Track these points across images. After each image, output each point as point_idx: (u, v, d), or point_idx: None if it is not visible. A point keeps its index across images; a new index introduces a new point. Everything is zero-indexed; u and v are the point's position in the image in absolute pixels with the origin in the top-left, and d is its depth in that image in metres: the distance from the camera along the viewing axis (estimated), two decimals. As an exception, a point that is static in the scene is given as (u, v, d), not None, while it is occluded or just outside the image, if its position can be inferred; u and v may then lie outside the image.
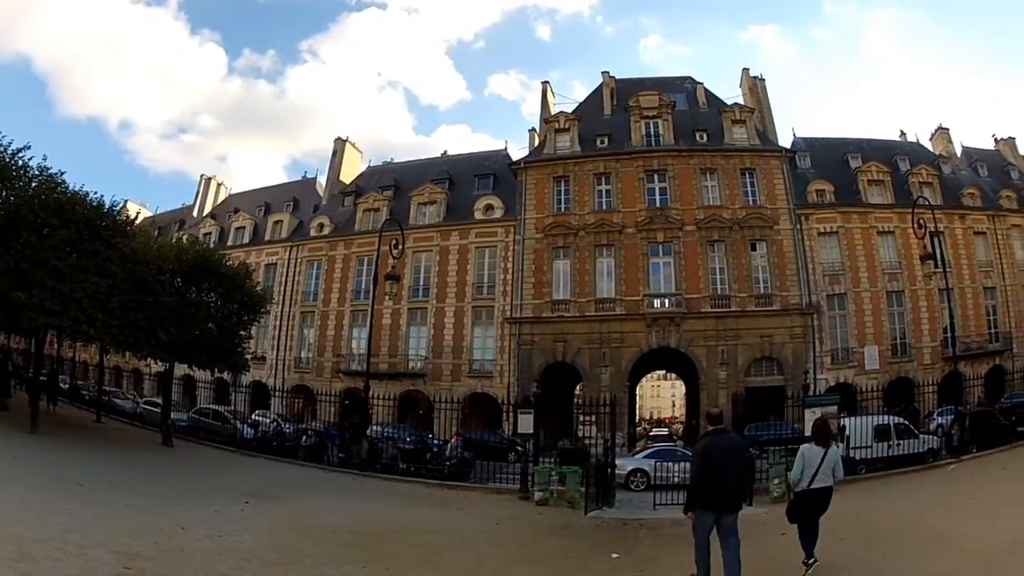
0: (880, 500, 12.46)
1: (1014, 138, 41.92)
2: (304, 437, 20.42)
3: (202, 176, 41.52)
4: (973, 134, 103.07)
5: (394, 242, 19.24)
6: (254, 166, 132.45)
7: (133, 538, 6.58)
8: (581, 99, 35.45)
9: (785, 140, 33.76)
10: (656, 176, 30.17)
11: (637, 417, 45.28)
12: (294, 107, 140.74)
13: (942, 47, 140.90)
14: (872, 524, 9.84)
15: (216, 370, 22.02)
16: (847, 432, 17.01)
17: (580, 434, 22.23)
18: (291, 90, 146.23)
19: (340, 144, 36.83)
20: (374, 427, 21.55)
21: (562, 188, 30.52)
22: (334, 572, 6.51)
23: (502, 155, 34.78)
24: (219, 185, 41.99)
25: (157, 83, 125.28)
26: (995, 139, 42.29)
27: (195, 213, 41.01)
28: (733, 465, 6.28)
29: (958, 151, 39.07)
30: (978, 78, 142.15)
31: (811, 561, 6.74)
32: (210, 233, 37.89)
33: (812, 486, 6.85)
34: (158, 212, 43.67)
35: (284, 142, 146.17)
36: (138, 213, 46.19)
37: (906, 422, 18.24)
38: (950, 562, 7.02)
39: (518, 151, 34.14)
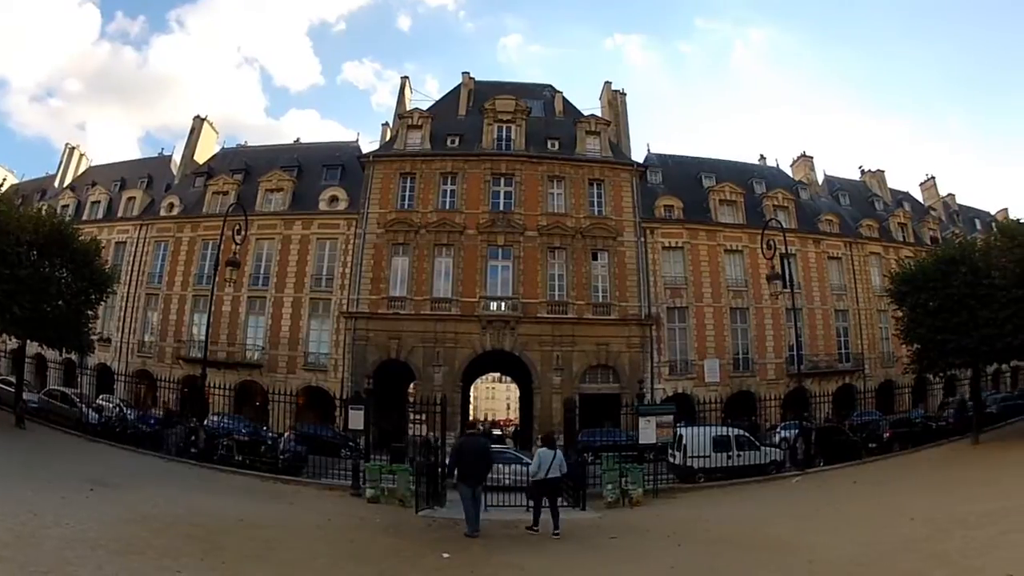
0: (721, 508, 12.70)
1: (883, 171, 43.98)
2: (145, 425, 20.55)
3: (66, 145, 39.80)
4: (843, 166, 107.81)
5: (237, 227, 18.89)
6: (111, 136, 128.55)
7: (-11, 523, 6.83)
8: (433, 93, 35.54)
9: (640, 155, 34.55)
10: (503, 180, 30.36)
11: (471, 418, 45.55)
12: (155, 77, 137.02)
13: (816, 76, 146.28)
14: (712, 532, 9.92)
15: (64, 350, 21.40)
16: (684, 441, 17.34)
17: (421, 431, 22.16)
18: (154, 59, 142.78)
19: (198, 123, 35.74)
20: (212, 417, 21.37)
21: (408, 185, 30.34)
22: (172, 564, 6.59)
23: (353, 147, 34.40)
24: (81, 156, 40.17)
25: (37, 41, 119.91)
26: (861, 170, 44.25)
27: (56, 183, 39.22)
28: (480, 457, 10.22)
29: (820, 179, 40.68)
30: (849, 111, 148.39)
31: (554, 533, 9.91)
32: (68, 205, 36.26)
33: (548, 476, 10.36)
34: (23, 179, 41.70)
35: (141, 113, 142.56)
36: (4, 179, 43.66)
37: (747, 434, 18.58)
38: (797, 572, 6.97)
39: (369, 144, 33.93)
